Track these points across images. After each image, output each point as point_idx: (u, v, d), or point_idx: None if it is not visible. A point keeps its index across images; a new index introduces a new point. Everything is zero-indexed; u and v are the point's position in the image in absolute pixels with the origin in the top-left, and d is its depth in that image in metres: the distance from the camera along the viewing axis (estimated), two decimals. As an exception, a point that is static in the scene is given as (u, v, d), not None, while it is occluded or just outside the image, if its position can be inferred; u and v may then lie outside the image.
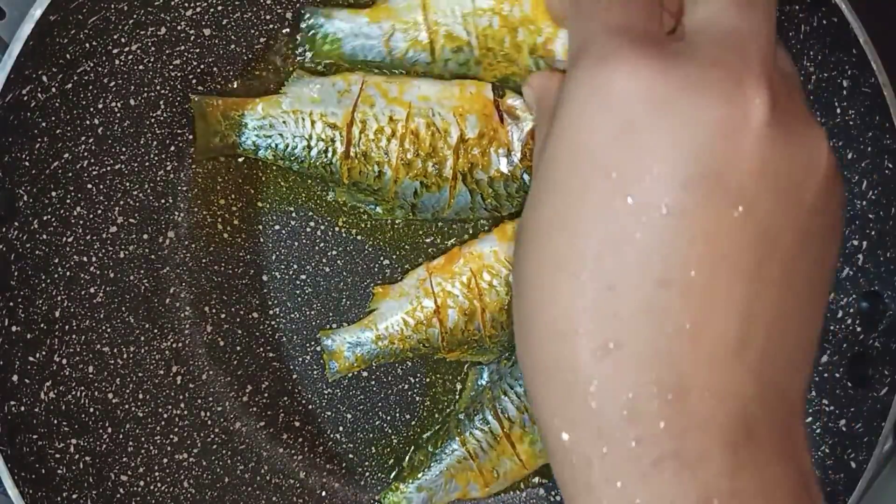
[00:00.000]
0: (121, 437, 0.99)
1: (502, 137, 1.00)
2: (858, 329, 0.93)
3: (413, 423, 1.11)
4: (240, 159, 1.06)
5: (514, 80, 1.00)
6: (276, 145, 1.02)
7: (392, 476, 1.11)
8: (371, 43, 1.01)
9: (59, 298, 0.94)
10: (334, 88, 1.02)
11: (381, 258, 1.09)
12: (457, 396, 1.10)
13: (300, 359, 1.09)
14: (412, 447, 1.11)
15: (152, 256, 1.04)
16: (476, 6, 0.98)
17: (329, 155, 1.01)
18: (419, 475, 1.08)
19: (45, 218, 0.91)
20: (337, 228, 1.08)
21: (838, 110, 0.92)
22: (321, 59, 1.03)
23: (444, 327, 1.04)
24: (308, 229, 1.08)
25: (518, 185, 1.01)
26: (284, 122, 1.02)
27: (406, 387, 1.11)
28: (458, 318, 1.03)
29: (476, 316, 1.03)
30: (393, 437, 1.12)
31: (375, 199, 1.04)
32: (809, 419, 0.96)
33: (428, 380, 1.11)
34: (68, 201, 0.94)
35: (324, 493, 1.11)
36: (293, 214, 1.07)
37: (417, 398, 1.11)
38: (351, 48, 1.02)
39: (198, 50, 1.02)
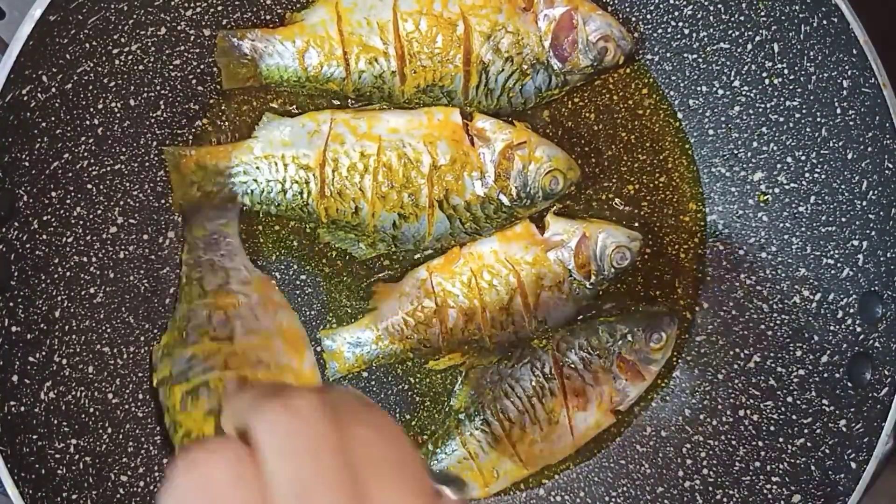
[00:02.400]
0: (121, 437, 0.99)
1: (474, 161, 1.01)
2: (858, 329, 0.93)
3: (413, 423, 1.11)
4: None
5: (442, 85, 1.02)
6: (252, 191, 1.03)
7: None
8: (285, 61, 1.02)
9: (59, 299, 0.94)
10: (304, 129, 1.02)
11: (381, 258, 1.09)
12: (455, 395, 1.10)
13: (300, 359, 1.09)
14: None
15: (152, 257, 1.04)
16: (401, 10, 1.00)
17: (304, 196, 1.02)
18: None
19: (45, 218, 0.91)
20: (337, 228, 1.08)
21: (838, 110, 0.92)
22: (238, 83, 1.03)
23: (444, 327, 1.04)
24: (308, 229, 1.08)
25: (496, 206, 1.02)
26: (258, 167, 1.02)
27: (406, 387, 1.11)
28: (458, 317, 1.04)
29: (476, 316, 1.04)
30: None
31: (356, 235, 1.05)
32: (809, 419, 0.96)
33: (428, 380, 1.11)
34: (68, 201, 0.94)
35: (324, 493, 1.10)
36: (293, 214, 1.07)
37: (417, 398, 1.11)
38: (266, 67, 1.03)
39: (198, 50, 1.02)
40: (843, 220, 0.94)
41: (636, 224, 1.09)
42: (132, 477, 0.99)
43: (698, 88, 1.06)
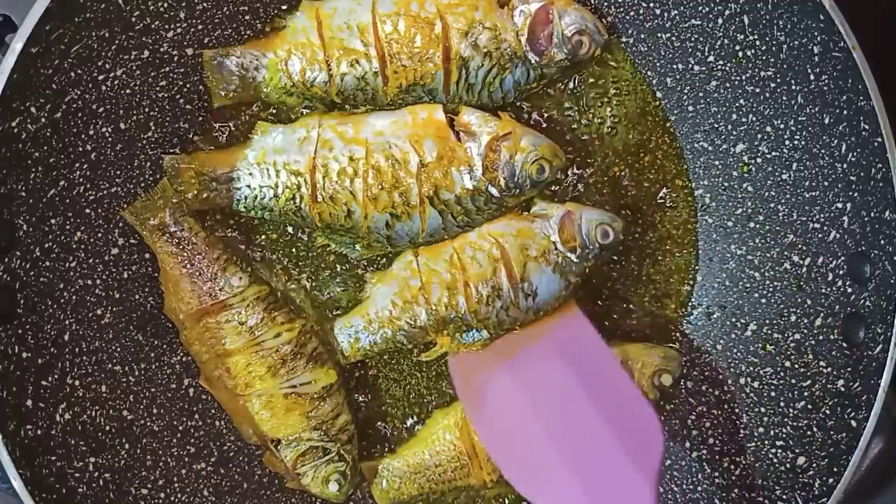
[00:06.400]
0: (138, 452, 1.01)
1: (461, 155, 1.02)
2: (849, 290, 0.93)
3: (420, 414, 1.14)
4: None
5: (423, 83, 1.02)
6: (245, 197, 1.04)
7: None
8: (270, 72, 1.03)
9: (67, 322, 0.96)
10: (295, 136, 1.03)
11: (379, 257, 1.11)
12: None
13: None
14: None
15: (155, 274, 1.06)
16: (379, 13, 1.00)
17: (297, 201, 1.02)
18: None
19: (46, 245, 0.93)
20: (332, 232, 1.09)
21: (812, 76, 0.93)
22: (227, 100, 1.04)
23: (429, 304, 1.05)
24: (305, 236, 1.10)
25: (485, 198, 1.03)
26: (251, 173, 1.03)
27: (414, 382, 1.13)
28: (441, 292, 1.04)
29: (458, 289, 1.04)
30: (405, 432, 1.14)
31: (351, 237, 1.06)
32: (808, 382, 0.97)
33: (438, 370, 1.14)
34: (68, 227, 0.96)
35: (341, 492, 1.12)
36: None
37: (426, 396, 1.14)
38: (252, 80, 1.04)
39: (182, 70, 1.03)
40: (826, 183, 0.95)
41: (624, 204, 1.11)
42: (152, 490, 1.01)
43: (674, 66, 1.07)
